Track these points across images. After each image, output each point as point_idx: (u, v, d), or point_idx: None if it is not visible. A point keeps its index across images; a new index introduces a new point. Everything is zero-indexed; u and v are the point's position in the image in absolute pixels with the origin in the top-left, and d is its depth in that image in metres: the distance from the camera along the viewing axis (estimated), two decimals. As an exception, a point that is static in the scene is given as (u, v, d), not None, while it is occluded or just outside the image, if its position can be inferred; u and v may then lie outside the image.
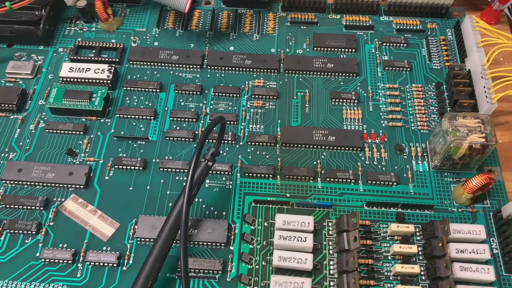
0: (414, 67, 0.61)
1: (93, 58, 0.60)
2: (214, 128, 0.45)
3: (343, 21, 0.65)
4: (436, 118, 0.57)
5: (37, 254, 0.48)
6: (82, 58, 0.61)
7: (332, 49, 0.62)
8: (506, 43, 0.57)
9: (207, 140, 0.54)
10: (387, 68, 0.61)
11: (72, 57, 0.60)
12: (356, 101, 0.58)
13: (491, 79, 0.56)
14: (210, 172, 0.52)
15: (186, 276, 0.39)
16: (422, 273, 0.47)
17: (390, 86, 0.59)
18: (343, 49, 0.62)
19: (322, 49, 0.62)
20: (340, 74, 0.60)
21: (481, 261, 0.47)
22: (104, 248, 0.48)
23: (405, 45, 0.63)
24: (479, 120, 0.50)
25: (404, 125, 0.56)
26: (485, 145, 0.49)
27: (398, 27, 0.65)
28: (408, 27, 0.65)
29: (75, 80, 0.58)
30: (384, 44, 0.63)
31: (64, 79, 0.58)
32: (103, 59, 0.61)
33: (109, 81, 0.58)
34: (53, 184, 0.51)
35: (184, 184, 0.40)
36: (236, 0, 0.66)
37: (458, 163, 0.52)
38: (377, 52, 0.62)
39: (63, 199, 0.51)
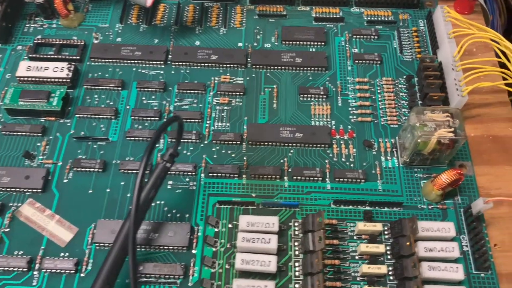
0: (384, 60, 0.59)
1: (53, 56, 0.58)
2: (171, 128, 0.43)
3: (313, 14, 0.63)
4: (406, 112, 0.55)
5: (-9, 263, 0.46)
6: (42, 56, 0.58)
7: (301, 43, 0.61)
8: (477, 34, 0.55)
9: (170, 140, 0.52)
10: (357, 61, 0.59)
11: (31, 55, 0.58)
12: (324, 96, 0.56)
13: (462, 71, 0.54)
14: (173, 173, 0.50)
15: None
16: (390, 273, 0.46)
17: (360, 80, 0.58)
18: (312, 43, 0.60)
19: (290, 42, 0.61)
20: (309, 68, 0.58)
21: (450, 259, 0.46)
22: (62, 254, 0.46)
23: (375, 37, 0.61)
24: (448, 114, 0.48)
25: (374, 120, 0.55)
26: (454, 140, 0.48)
27: (369, 18, 0.63)
28: (379, 19, 0.63)
29: (33, 79, 0.55)
30: (355, 36, 0.61)
31: (22, 79, 0.55)
32: (64, 57, 0.58)
33: (68, 80, 0.55)
34: (8, 189, 0.49)
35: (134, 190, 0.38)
36: (203, -7, 0.65)
37: (428, 158, 0.51)
38: (347, 45, 0.61)
39: (19, 204, 0.49)
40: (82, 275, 0.45)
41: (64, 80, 0.55)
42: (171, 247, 0.46)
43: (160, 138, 0.40)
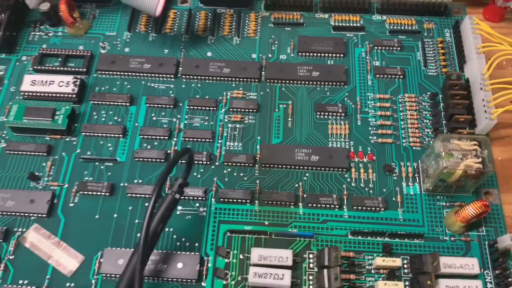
0: (407, 74, 0.56)
1: (58, 68, 0.55)
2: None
3: (332, 22, 0.60)
4: (430, 133, 0.52)
5: (-5, 293, 0.44)
6: (47, 68, 0.56)
7: (319, 55, 0.57)
8: (508, 50, 0.51)
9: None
10: (378, 75, 0.56)
11: (36, 67, 0.56)
12: (343, 114, 0.53)
13: (491, 91, 0.51)
14: (183, 197, 0.48)
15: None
16: (409, 311, 0.44)
17: (381, 96, 0.54)
18: (330, 54, 0.57)
19: (307, 54, 0.57)
20: (326, 83, 0.55)
21: (473, 298, 0.43)
22: (68, 284, 0.45)
23: (398, 48, 0.57)
24: (475, 143, 0.45)
25: (395, 142, 0.52)
26: (481, 171, 0.45)
27: (391, 27, 0.59)
28: (402, 28, 0.59)
29: (38, 95, 0.53)
30: (376, 47, 0.58)
31: (26, 94, 0.53)
32: (70, 69, 0.56)
33: (74, 95, 0.53)
34: (13, 213, 0.48)
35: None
36: (215, -2, 0.61)
37: (452, 186, 0.48)
38: (367, 57, 0.57)
39: (24, 230, 0.47)
40: (88, 307, 0.44)
41: (70, 95, 0.53)
42: (180, 279, 0.45)
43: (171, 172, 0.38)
